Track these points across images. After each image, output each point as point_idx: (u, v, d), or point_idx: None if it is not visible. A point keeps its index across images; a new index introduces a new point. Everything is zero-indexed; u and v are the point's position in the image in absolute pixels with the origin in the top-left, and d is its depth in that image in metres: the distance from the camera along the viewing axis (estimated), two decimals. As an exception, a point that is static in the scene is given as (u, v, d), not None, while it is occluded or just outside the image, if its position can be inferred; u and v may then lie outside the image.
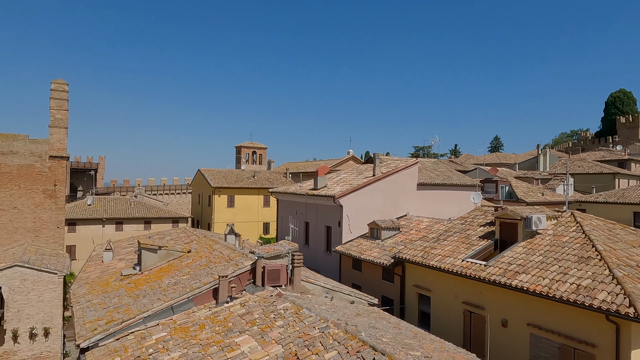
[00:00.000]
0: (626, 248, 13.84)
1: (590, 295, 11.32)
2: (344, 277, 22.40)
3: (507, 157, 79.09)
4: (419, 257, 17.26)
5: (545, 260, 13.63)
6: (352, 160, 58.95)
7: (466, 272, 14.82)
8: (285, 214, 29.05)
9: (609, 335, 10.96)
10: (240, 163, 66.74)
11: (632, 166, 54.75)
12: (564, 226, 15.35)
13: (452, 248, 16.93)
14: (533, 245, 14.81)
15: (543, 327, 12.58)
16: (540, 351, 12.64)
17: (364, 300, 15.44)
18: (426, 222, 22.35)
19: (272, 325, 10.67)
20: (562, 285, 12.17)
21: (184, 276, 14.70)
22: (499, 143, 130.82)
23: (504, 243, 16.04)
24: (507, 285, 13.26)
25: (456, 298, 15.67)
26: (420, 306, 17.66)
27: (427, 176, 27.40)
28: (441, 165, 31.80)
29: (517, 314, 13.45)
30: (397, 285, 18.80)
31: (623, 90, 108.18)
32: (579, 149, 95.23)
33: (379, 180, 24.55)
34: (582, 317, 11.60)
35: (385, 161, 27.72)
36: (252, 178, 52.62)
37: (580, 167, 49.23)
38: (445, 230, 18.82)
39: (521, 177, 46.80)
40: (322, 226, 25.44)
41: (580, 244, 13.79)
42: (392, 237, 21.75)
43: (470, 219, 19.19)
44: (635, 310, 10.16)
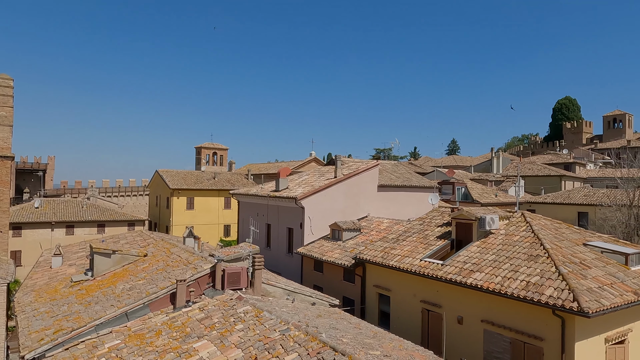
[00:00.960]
0: (571, 246, 14.69)
1: (538, 291, 11.92)
2: (306, 279, 22.40)
3: (463, 159, 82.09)
4: (379, 258, 17.54)
5: (498, 259, 14.23)
6: (315, 162, 59.11)
7: (424, 271, 15.21)
8: (246, 215, 28.69)
9: (555, 329, 11.59)
10: (200, 164, 65.29)
11: (577, 169, 58.26)
12: (515, 226, 16.09)
13: (410, 248, 17.34)
14: (487, 245, 15.42)
15: (496, 323, 13.12)
16: (493, 346, 13.16)
17: (325, 301, 15.50)
18: (386, 223, 22.75)
19: (232, 329, 10.50)
20: (513, 282, 12.75)
21: (140, 281, 14.19)
22: (456, 146, 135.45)
23: (460, 243, 16.60)
24: (463, 283, 13.74)
25: (415, 297, 16.05)
26: (381, 306, 17.94)
27: (388, 178, 27.92)
28: (401, 167, 32.51)
29: (472, 311, 13.94)
30: (358, 285, 19.02)
31: (568, 97, 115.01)
32: (529, 152, 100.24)
33: (340, 181, 24.76)
34: (531, 313, 12.19)
35: (346, 163, 28.00)
36: (212, 179, 51.61)
37: (530, 170, 51.82)
38: (405, 231, 19.24)
39: (476, 179, 48.65)
40: (283, 228, 25.33)
41: (530, 243, 14.50)
42: (353, 238, 21.99)
43: (428, 219, 19.72)
44: (578, 304, 10.80)
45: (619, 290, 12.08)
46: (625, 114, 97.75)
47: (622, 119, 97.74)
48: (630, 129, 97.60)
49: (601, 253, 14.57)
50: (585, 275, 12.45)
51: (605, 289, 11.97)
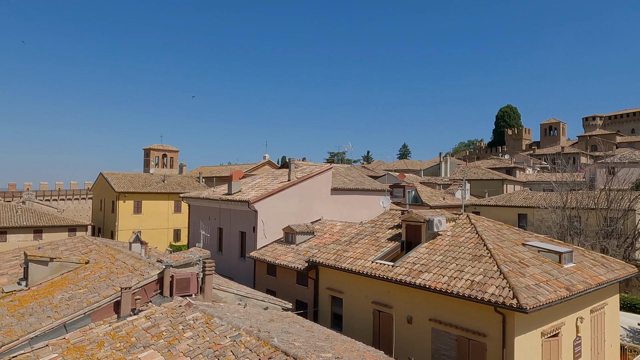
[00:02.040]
0: (511, 246, 15.55)
1: (481, 289, 12.51)
2: (259, 283, 22.14)
3: (414, 163, 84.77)
4: (331, 260, 17.68)
5: (445, 259, 14.79)
6: (268, 165, 58.70)
7: (375, 273, 15.51)
8: (197, 220, 27.93)
9: (497, 325, 12.20)
10: (149, 167, 62.83)
11: (517, 173, 61.89)
12: (461, 227, 16.81)
13: (362, 250, 17.62)
14: (435, 246, 15.99)
15: (443, 321, 13.61)
16: (441, 344, 13.65)
17: (278, 305, 15.39)
18: (339, 226, 22.99)
19: (180, 337, 10.16)
20: (458, 281, 13.30)
21: (81, 290, 13.38)
22: (407, 151, 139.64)
23: (410, 244, 17.09)
24: (412, 284, 14.14)
25: (366, 298, 16.32)
26: (333, 308, 18.08)
27: (341, 181, 28.25)
28: (354, 170, 33.01)
29: (420, 311, 14.38)
30: (311, 288, 19.05)
31: (510, 106, 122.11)
32: (475, 157, 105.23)
33: (294, 185, 24.74)
34: (475, 310, 12.76)
35: (300, 166, 28.03)
36: (161, 182, 49.80)
37: (475, 174, 54.41)
38: (357, 234, 19.53)
39: (426, 182, 50.37)
40: (236, 232, 24.91)
41: (474, 244, 15.19)
42: (307, 241, 22.02)
43: (379, 222, 20.14)
44: (517, 301, 11.45)
45: (553, 287, 12.93)
46: (560, 122, 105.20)
47: (557, 127, 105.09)
48: (564, 136, 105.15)
49: (538, 252, 15.53)
50: (523, 274, 13.22)
51: (541, 286, 12.77)
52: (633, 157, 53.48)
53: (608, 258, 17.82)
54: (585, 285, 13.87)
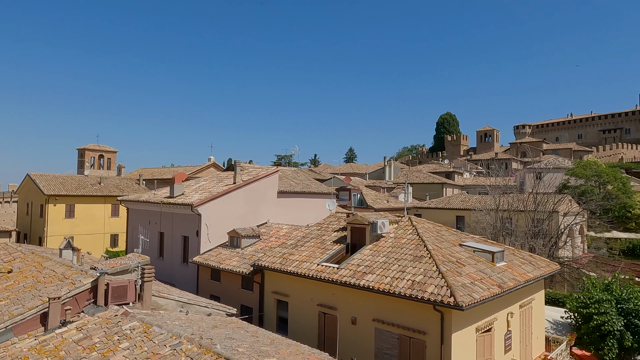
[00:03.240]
0: (449, 247, 16.32)
1: (422, 289, 13.01)
2: (202, 289, 21.51)
3: (359, 167, 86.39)
4: (277, 264, 17.57)
5: (388, 261, 15.21)
6: (214, 167, 57.27)
7: (321, 275, 15.63)
8: (136, 224, 26.63)
9: (435, 323, 12.73)
10: (83, 168, 58.99)
11: (456, 177, 65.08)
12: (403, 229, 17.38)
13: (308, 253, 17.68)
14: (378, 248, 16.40)
15: (386, 321, 13.98)
16: (383, 343, 14.00)
17: (222, 311, 15.03)
18: (285, 229, 22.93)
19: (116, 348, 9.62)
20: (400, 282, 13.73)
21: (2, 302, 12.27)
22: (353, 154, 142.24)
23: (355, 246, 17.40)
24: (356, 285, 14.40)
25: (312, 301, 16.38)
26: (279, 312, 17.97)
27: (288, 184, 28.20)
28: (301, 173, 33.10)
29: (364, 311, 14.67)
30: (257, 293, 18.81)
31: (449, 113, 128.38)
32: (417, 161, 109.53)
33: (239, 188, 24.33)
34: (416, 309, 13.24)
35: (246, 169, 27.64)
36: (97, 185, 46.96)
37: (417, 178, 56.55)
38: (303, 237, 19.57)
39: (371, 185, 51.57)
40: (178, 236, 24.04)
41: (415, 245, 15.77)
42: (252, 245, 21.73)
43: (325, 224, 20.33)
44: (454, 299, 12.02)
45: (487, 285, 13.73)
46: (494, 129, 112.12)
47: (491, 134, 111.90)
48: (497, 143, 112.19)
49: (473, 252, 16.43)
50: (460, 273, 13.92)
51: (476, 284, 13.51)
52: (557, 163, 58.18)
53: (535, 256, 19.22)
54: (515, 283, 14.86)
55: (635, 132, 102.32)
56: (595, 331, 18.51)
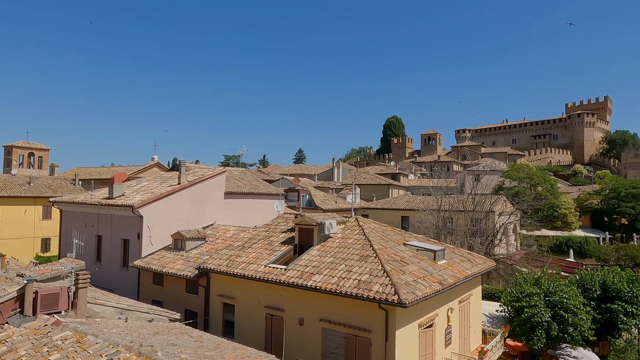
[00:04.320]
0: (394, 246, 16.81)
1: (367, 288, 13.29)
2: (144, 294, 20.59)
3: (308, 168, 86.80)
4: (223, 266, 17.22)
5: (335, 261, 15.39)
6: (157, 167, 55.03)
7: (268, 277, 15.51)
8: (71, 227, 24.97)
9: (380, 321, 13.05)
10: (10, 166, 54.37)
11: (401, 178, 67.18)
12: (350, 230, 17.66)
13: (256, 255, 17.48)
14: (326, 248, 16.55)
15: (332, 320, 14.13)
16: (330, 343, 14.14)
17: (165, 316, 14.46)
18: (233, 231, 22.51)
19: (45, 360, 8.95)
20: (347, 281, 13.94)
21: None
22: (302, 155, 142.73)
23: (302, 247, 17.44)
24: (304, 286, 14.44)
25: (259, 303, 16.21)
26: (225, 315, 17.60)
27: (235, 185, 27.72)
28: (249, 174, 32.67)
29: (312, 312, 14.74)
30: (202, 296, 18.32)
31: (396, 116, 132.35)
32: (365, 163, 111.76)
33: (184, 188, 23.57)
34: (362, 308, 13.50)
35: (192, 169, 26.84)
36: (27, 185, 43.50)
37: (364, 179, 57.71)
38: (250, 238, 19.32)
39: (319, 186, 51.96)
40: (117, 239, 22.85)
41: (362, 245, 16.08)
42: (198, 247, 21.13)
43: (273, 226, 20.20)
44: (398, 297, 12.40)
45: (429, 282, 14.29)
46: (437, 133, 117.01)
47: (434, 137, 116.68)
48: (440, 146, 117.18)
49: (417, 251, 17.04)
50: (404, 271, 14.38)
51: (419, 281, 14.02)
52: (493, 166, 61.79)
53: (473, 254, 20.29)
54: (455, 279, 15.59)
55: (562, 138, 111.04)
56: (526, 323, 19.82)
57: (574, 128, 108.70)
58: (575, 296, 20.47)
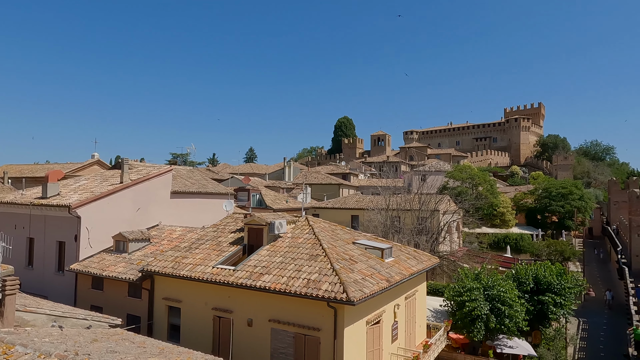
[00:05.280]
0: (343, 245, 17.03)
1: (317, 287, 13.36)
2: (81, 300, 19.42)
3: (259, 167, 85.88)
4: (169, 268, 16.62)
5: (285, 260, 15.34)
6: (98, 165, 52.05)
7: (216, 278, 15.16)
8: (-2, 229, 23.00)
9: (329, 319, 13.17)
10: None
11: (352, 178, 68.24)
12: (300, 229, 17.68)
13: (203, 256, 17.04)
14: (275, 248, 16.45)
15: (282, 320, 14.06)
16: (279, 343, 14.07)
17: (104, 322, 13.72)
18: (179, 231, 21.80)
19: (-35, 375, 8.18)
20: (296, 281, 13.93)
21: None
22: (253, 154, 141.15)
23: (252, 247, 17.22)
24: (252, 286, 14.26)
25: (206, 305, 15.80)
26: (171, 319, 17.00)
27: (182, 184, 26.87)
28: (197, 173, 31.79)
29: (261, 313, 14.59)
30: (146, 300, 17.57)
31: (347, 117, 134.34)
32: (316, 163, 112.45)
33: (127, 187, 22.49)
34: (311, 307, 13.55)
35: (136, 167, 25.67)
36: (-54, 183, 39.58)
37: (315, 179, 58.05)
38: (198, 239, 18.81)
39: (270, 186, 51.58)
40: (52, 242, 21.36)
41: (312, 244, 16.14)
42: (142, 249, 20.25)
43: (222, 226, 19.79)
44: (347, 295, 12.57)
45: (377, 279, 14.62)
46: (386, 134, 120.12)
47: (384, 138, 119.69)
48: (389, 147, 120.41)
49: (365, 249, 17.37)
50: (353, 270, 14.60)
51: (367, 279, 14.30)
52: (439, 166, 64.38)
53: (419, 251, 21.02)
54: (402, 276, 16.07)
55: (501, 141, 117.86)
56: (467, 316, 20.86)
57: (511, 132, 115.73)
58: (511, 290, 21.82)
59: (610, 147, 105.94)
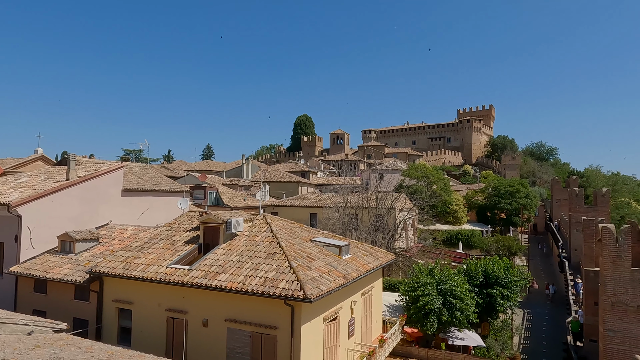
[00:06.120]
0: (301, 243, 17.05)
1: (274, 285, 13.30)
2: (22, 304, 18.28)
3: (217, 165, 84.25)
4: (119, 269, 15.97)
5: (242, 259, 15.15)
6: (42, 160, 49.00)
7: (169, 278, 14.74)
8: None
9: (286, 317, 13.15)
10: None
11: (311, 176, 68.44)
12: (258, 227, 17.52)
13: (156, 256, 16.50)
14: (232, 246, 16.21)
15: (238, 320, 13.89)
16: (235, 342, 13.90)
17: (48, 327, 12.92)
18: (131, 231, 20.98)
19: None
20: (253, 279, 13.80)
21: None
22: (210, 151, 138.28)
23: (208, 246, 16.86)
24: (208, 286, 13.99)
25: (160, 306, 15.33)
26: (121, 322, 16.34)
27: (135, 181, 25.86)
28: (150, 170, 30.71)
29: (217, 313, 14.34)
30: (94, 303, 16.79)
31: (306, 115, 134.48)
32: (275, 160, 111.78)
33: (74, 185, 21.34)
34: (268, 306, 13.47)
35: (84, 163, 24.41)
36: None
37: (274, 176, 57.73)
38: (151, 238, 18.19)
39: (228, 184, 50.75)
40: (-11, 243, 19.92)
41: (269, 242, 16.04)
42: (90, 249, 19.32)
43: (177, 224, 19.25)
44: (304, 292, 12.60)
45: (334, 276, 14.76)
46: (345, 133, 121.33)
47: (342, 137, 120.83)
48: (348, 145, 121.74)
49: (323, 247, 17.48)
50: (310, 267, 14.66)
51: (324, 276, 14.40)
52: (395, 165, 65.83)
53: (375, 248, 21.42)
54: (358, 273, 16.31)
55: (454, 141, 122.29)
56: (421, 310, 21.53)
57: (464, 132, 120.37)
58: (463, 284, 22.74)
59: (554, 148, 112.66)
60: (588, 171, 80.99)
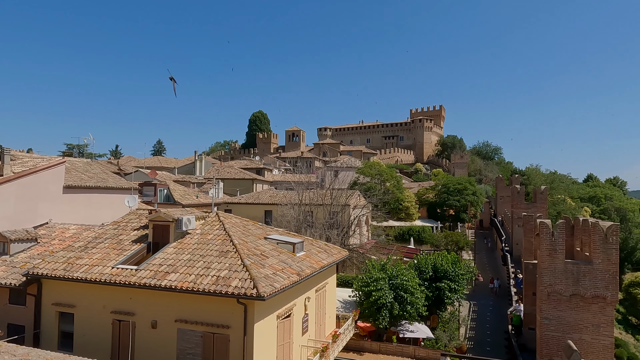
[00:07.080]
0: (254, 240, 16.88)
1: (226, 284, 13.08)
2: (-52, 311, 16.79)
3: (168, 161, 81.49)
4: (60, 270, 15.07)
5: (193, 258, 14.77)
6: (-28, 155, 45.33)
7: (115, 279, 14.10)
8: None
9: (239, 316, 12.98)
10: None
11: (266, 173, 67.84)
12: (210, 225, 17.14)
13: (101, 256, 15.73)
14: (183, 245, 15.76)
15: (189, 320, 13.54)
16: (186, 343, 13.55)
17: (-22, 335, 12.03)
18: (73, 230, 19.87)
19: None
20: (205, 278, 13.50)
21: None
22: (162, 147, 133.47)
23: (157, 245, 16.29)
24: (157, 286, 13.53)
25: (104, 309, 14.63)
26: (62, 326, 15.45)
27: (78, 178, 24.48)
28: (95, 166, 29.19)
29: (166, 313, 13.89)
30: (31, 307, 15.74)
31: (261, 111, 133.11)
32: (229, 157, 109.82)
33: (9, 181, 19.88)
34: (220, 305, 13.23)
35: (20, 158, 22.78)
36: None
37: (229, 173, 56.69)
38: (95, 237, 17.30)
39: (180, 181, 49.25)
40: None
41: (222, 240, 15.75)
42: (27, 250, 18.10)
43: (124, 223, 18.43)
44: (257, 290, 12.49)
45: (287, 274, 14.73)
46: (300, 130, 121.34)
47: (298, 134, 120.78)
48: (303, 143, 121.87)
49: (277, 244, 17.40)
50: (264, 265, 14.55)
51: (277, 274, 14.34)
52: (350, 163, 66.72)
53: (329, 245, 21.61)
54: (312, 270, 16.39)
55: (407, 140, 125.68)
56: (373, 305, 22.02)
57: (416, 131, 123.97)
58: (413, 278, 23.49)
59: (498, 147, 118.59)
60: (529, 170, 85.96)
